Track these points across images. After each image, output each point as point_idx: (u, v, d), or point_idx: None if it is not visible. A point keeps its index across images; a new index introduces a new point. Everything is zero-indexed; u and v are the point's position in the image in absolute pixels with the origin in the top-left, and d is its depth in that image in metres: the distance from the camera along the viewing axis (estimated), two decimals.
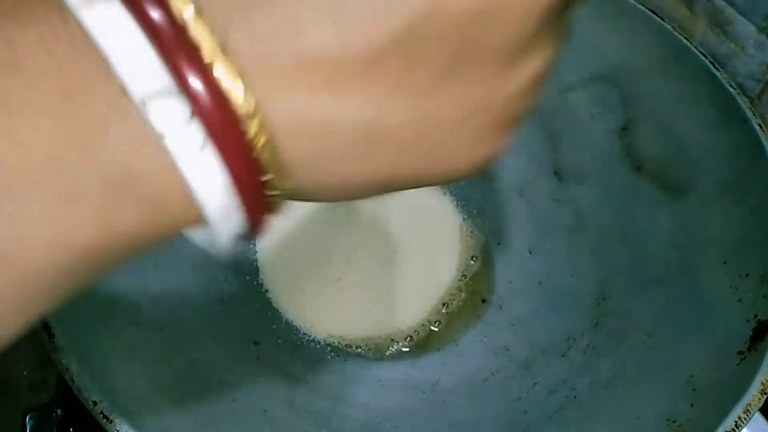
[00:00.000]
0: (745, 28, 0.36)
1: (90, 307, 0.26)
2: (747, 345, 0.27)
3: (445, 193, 0.42)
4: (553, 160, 0.40)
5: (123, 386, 0.25)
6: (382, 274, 0.40)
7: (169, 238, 0.12)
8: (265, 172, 0.11)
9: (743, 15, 0.36)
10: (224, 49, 0.10)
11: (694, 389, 0.28)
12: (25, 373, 0.35)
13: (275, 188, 0.12)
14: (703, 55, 0.33)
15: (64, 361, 0.23)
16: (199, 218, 0.11)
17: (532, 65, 0.13)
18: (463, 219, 0.42)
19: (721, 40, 0.38)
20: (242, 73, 0.10)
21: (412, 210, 0.42)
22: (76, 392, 0.23)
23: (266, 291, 0.38)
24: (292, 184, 0.12)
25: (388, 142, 0.12)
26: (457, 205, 0.42)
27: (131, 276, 0.30)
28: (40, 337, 0.23)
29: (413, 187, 0.14)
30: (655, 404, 0.28)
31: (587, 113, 0.38)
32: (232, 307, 0.35)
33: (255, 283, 0.38)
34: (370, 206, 0.41)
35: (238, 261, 0.38)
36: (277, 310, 0.37)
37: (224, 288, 0.36)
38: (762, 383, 0.25)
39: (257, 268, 0.39)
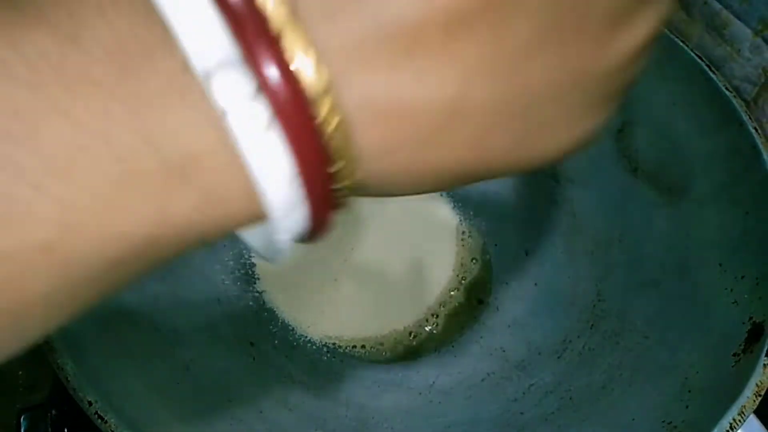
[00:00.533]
0: (741, 31, 0.36)
1: None
2: (742, 347, 0.27)
3: (441, 195, 0.42)
4: None
5: (118, 387, 0.25)
6: (379, 274, 0.40)
7: (222, 235, 0.11)
8: (334, 160, 0.10)
9: (739, 18, 0.36)
10: (294, 18, 0.09)
11: (689, 391, 0.28)
12: (20, 372, 0.35)
13: (343, 179, 0.11)
14: (699, 57, 0.33)
15: (59, 361, 0.23)
16: (258, 212, 0.10)
17: (636, 32, 0.11)
18: (460, 220, 0.42)
19: (717, 43, 0.38)
20: (313, 45, 0.09)
21: (409, 211, 0.42)
22: (71, 392, 0.23)
23: (262, 292, 0.38)
24: (361, 174, 0.11)
25: (473, 123, 0.11)
26: (454, 206, 0.42)
27: None
28: None
29: (496, 176, 0.12)
30: (650, 406, 0.28)
31: None
32: (228, 308, 0.35)
33: (251, 283, 0.38)
34: (367, 207, 0.41)
35: (235, 262, 0.38)
36: (273, 311, 0.37)
37: (220, 288, 0.36)
38: (756, 385, 0.25)
39: (253, 269, 0.39)
